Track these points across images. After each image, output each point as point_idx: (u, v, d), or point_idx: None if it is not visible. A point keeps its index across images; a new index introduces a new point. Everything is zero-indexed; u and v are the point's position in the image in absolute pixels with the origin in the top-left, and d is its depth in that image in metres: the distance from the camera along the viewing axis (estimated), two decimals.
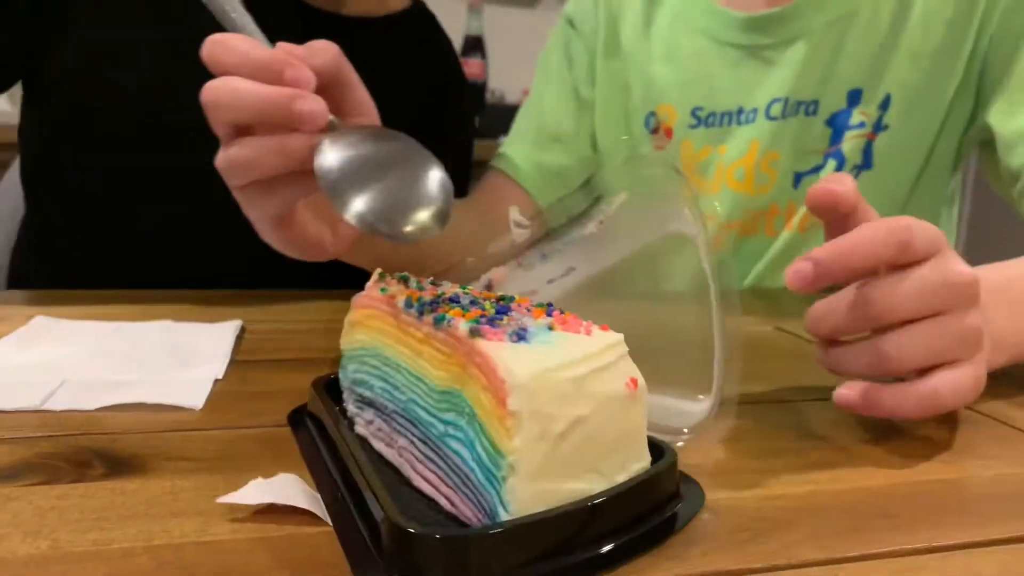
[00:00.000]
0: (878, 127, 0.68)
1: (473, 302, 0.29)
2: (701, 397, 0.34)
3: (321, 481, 0.28)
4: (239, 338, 0.49)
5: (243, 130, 0.38)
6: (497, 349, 0.24)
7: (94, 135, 0.65)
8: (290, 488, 0.27)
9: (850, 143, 0.69)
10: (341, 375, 0.35)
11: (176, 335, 0.48)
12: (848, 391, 0.34)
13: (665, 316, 0.35)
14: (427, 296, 0.29)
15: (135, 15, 0.65)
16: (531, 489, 0.22)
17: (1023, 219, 0.65)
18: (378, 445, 0.31)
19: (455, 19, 1.86)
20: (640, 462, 0.26)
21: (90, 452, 0.32)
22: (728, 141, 0.73)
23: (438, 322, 0.27)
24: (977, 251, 0.81)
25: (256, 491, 0.26)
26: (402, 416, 0.29)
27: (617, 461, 0.25)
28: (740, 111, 0.73)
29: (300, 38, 0.43)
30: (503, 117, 2.12)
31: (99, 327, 0.48)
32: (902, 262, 0.32)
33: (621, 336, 0.26)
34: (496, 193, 0.78)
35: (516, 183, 0.78)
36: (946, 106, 0.67)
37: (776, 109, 0.70)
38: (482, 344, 0.24)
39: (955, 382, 0.33)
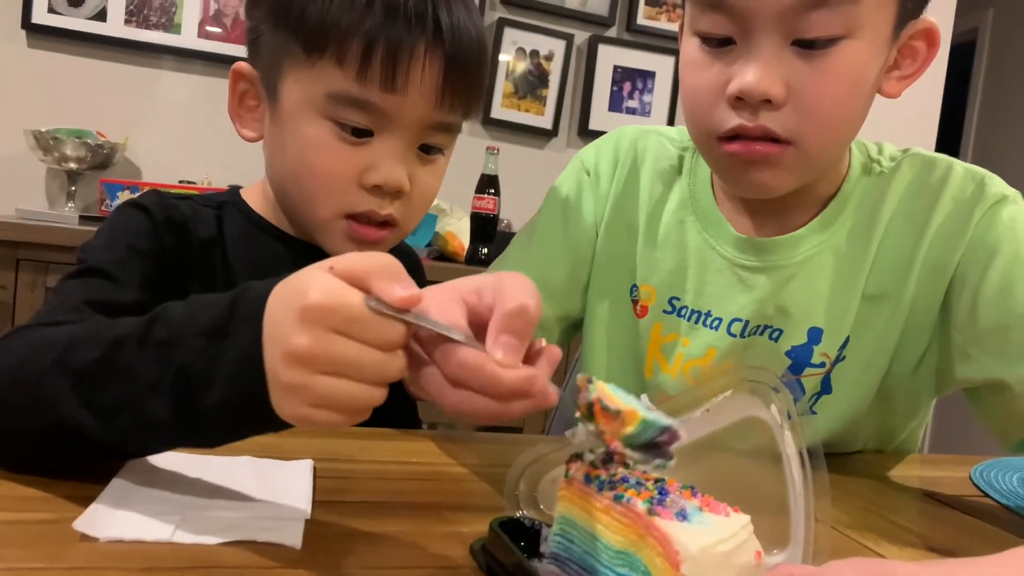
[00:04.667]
0: (836, 360, 0.74)
1: (639, 483, 0.36)
2: (776, 551, 0.41)
3: None
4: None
5: None
6: (670, 526, 0.33)
7: None
8: None
9: (809, 378, 0.74)
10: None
11: (260, 473, 0.52)
12: None
13: (740, 478, 0.44)
14: (604, 475, 0.37)
15: None
16: None
17: None
18: None
19: (476, 159, 2.02)
20: None
21: None
22: (692, 337, 0.77)
23: (618, 499, 0.35)
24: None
25: None
26: (577, 564, 0.37)
27: None
28: (708, 314, 0.76)
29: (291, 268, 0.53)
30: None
31: (192, 460, 0.53)
32: None
33: (748, 518, 0.34)
34: None
35: None
36: (895, 342, 0.73)
37: (736, 327, 0.75)
38: (658, 521, 0.33)
39: None
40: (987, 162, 0.76)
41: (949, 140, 3.21)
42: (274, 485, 0.51)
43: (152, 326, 0.44)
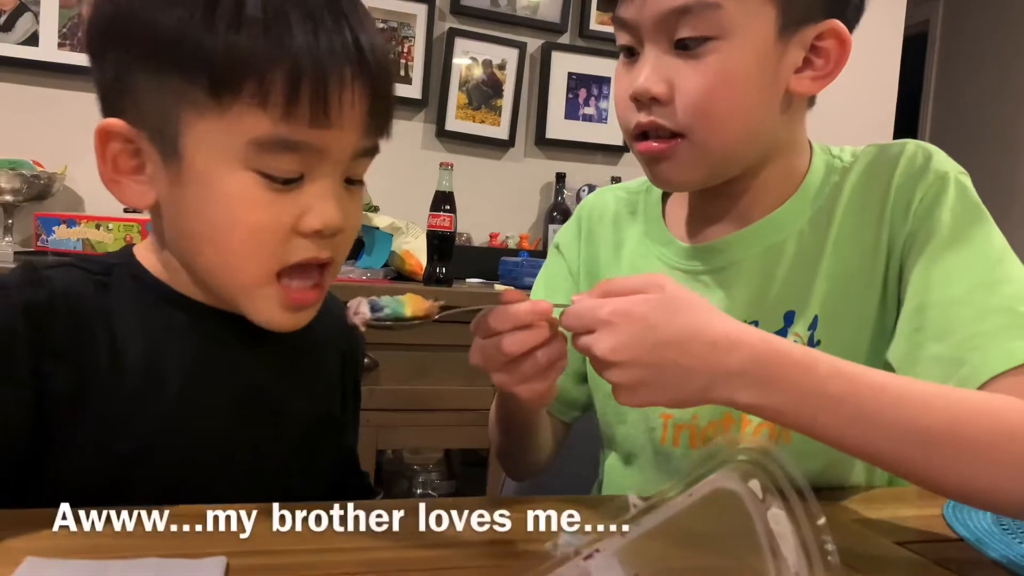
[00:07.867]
0: (811, 343, 0.74)
1: None
2: None
3: None
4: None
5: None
6: None
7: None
8: None
9: None
10: None
11: None
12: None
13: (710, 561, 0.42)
14: None
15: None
16: None
17: None
18: None
19: (432, 175, 1.97)
20: None
21: None
22: None
23: None
24: None
25: None
26: None
27: None
28: None
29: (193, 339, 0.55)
30: (471, 258, 2.23)
31: (89, 567, 0.48)
32: None
33: None
34: None
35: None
36: (872, 321, 0.73)
37: None
38: None
39: None
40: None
41: (905, 131, 3.23)
42: None
43: None
